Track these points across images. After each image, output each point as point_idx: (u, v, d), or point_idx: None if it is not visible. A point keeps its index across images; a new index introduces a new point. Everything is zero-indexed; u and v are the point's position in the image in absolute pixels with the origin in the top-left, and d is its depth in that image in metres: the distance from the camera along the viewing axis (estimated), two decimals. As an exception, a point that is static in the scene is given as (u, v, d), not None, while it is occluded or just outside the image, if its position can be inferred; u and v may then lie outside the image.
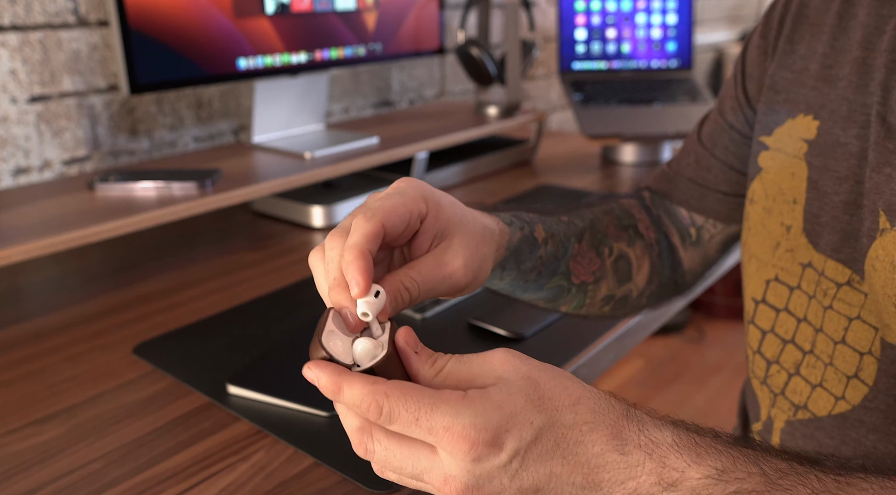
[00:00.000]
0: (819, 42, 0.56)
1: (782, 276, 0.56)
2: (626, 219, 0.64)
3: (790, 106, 0.57)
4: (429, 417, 0.33)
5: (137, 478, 0.55)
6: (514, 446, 0.33)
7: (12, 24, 1.02)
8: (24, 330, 0.80)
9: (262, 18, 1.07)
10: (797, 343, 0.55)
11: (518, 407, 0.34)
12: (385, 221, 0.40)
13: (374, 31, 1.25)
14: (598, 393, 0.36)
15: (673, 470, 0.33)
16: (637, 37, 1.57)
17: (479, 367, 0.36)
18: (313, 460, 0.57)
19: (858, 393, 0.50)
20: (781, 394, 0.56)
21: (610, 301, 0.62)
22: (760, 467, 0.34)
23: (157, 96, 1.20)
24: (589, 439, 0.34)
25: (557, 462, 0.34)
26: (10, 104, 1.04)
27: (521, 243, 0.51)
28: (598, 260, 0.60)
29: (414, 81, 1.68)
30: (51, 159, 1.10)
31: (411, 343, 0.37)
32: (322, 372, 0.35)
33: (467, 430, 0.33)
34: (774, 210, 0.56)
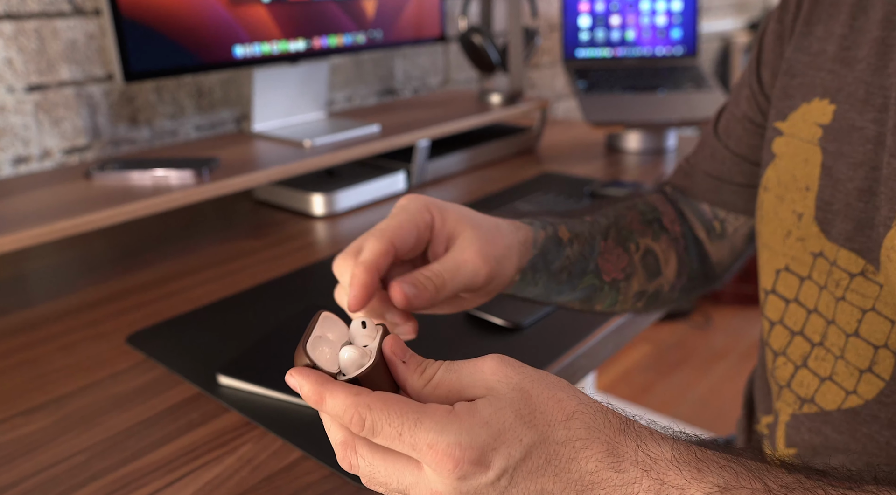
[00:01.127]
0: (837, 23, 0.54)
1: (793, 266, 0.54)
2: (650, 213, 0.64)
3: (805, 90, 0.55)
4: (412, 433, 0.32)
5: (121, 471, 0.54)
6: (503, 465, 0.32)
7: (6, 13, 1.01)
8: (19, 319, 0.80)
9: (257, 5, 1.05)
10: (806, 334, 0.53)
11: (507, 424, 0.32)
12: (394, 239, 0.42)
13: (374, 18, 1.23)
14: (594, 407, 0.34)
15: (672, 487, 0.32)
16: (641, 24, 1.55)
17: (470, 377, 0.35)
18: (301, 453, 0.56)
19: (873, 387, 0.48)
20: (787, 387, 0.55)
21: (642, 297, 0.61)
22: (764, 482, 0.32)
23: (157, 85, 1.19)
24: (583, 456, 0.33)
25: (549, 479, 0.33)
26: (7, 93, 1.03)
27: (547, 242, 0.52)
28: (626, 256, 0.59)
29: (417, 70, 1.67)
30: (50, 148, 1.09)
31: (398, 353, 0.36)
32: (305, 381, 0.34)
33: (452, 449, 0.32)
34: (787, 197, 0.54)
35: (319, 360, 0.35)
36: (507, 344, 0.71)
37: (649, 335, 2.42)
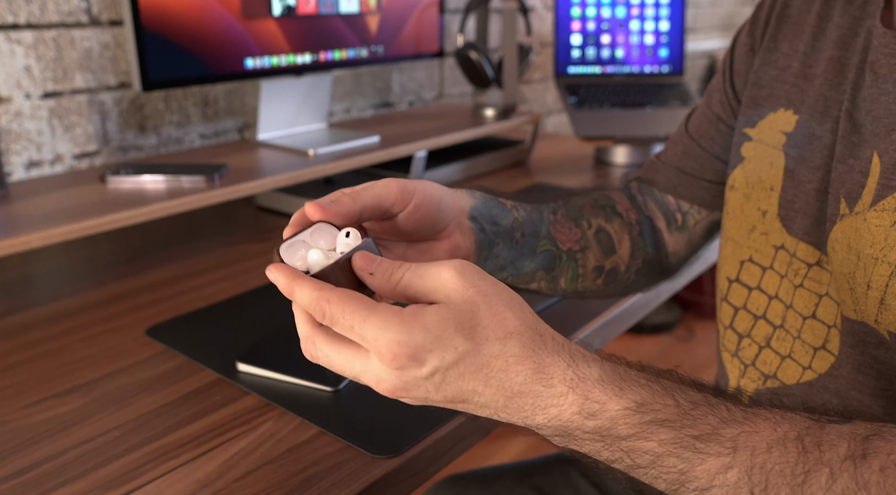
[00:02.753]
0: (801, 41, 0.60)
1: (756, 257, 0.60)
2: (604, 201, 0.68)
3: (773, 101, 0.61)
4: (361, 326, 0.37)
5: (155, 444, 0.59)
6: (435, 364, 0.37)
7: (27, 23, 1.06)
8: (41, 313, 0.84)
9: (269, 20, 1.11)
10: (768, 318, 0.59)
11: (445, 333, 0.37)
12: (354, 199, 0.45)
13: (377, 34, 1.29)
14: (534, 329, 0.39)
15: (594, 402, 0.37)
16: (630, 43, 1.62)
17: (433, 282, 0.39)
18: (319, 429, 0.60)
19: (825, 362, 0.54)
20: (752, 365, 0.61)
21: (601, 272, 0.65)
22: (675, 399, 0.38)
23: (165, 94, 1.24)
24: (513, 370, 0.38)
25: (480, 383, 0.38)
26: (24, 99, 1.08)
27: (488, 200, 0.55)
28: (578, 230, 0.63)
29: (413, 83, 1.73)
30: (62, 153, 1.14)
31: (365, 267, 0.41)
32: (279, 274, 0.40)
33: (391, 344, 0.37)
34: (752, 196, 0.61)
35: (292, 260, 0.42)
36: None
37: (633, 347, 2.48)
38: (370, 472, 0.55)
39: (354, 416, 0.62)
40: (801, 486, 0.35)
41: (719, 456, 0.36)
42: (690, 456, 0.37)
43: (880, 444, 0.36)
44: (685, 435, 0.37)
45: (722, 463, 0.36)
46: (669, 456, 0.37)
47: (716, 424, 0.37)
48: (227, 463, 0.56)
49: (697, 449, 0.37)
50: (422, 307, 0.38)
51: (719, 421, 0.37)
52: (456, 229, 0.52)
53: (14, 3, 1.04)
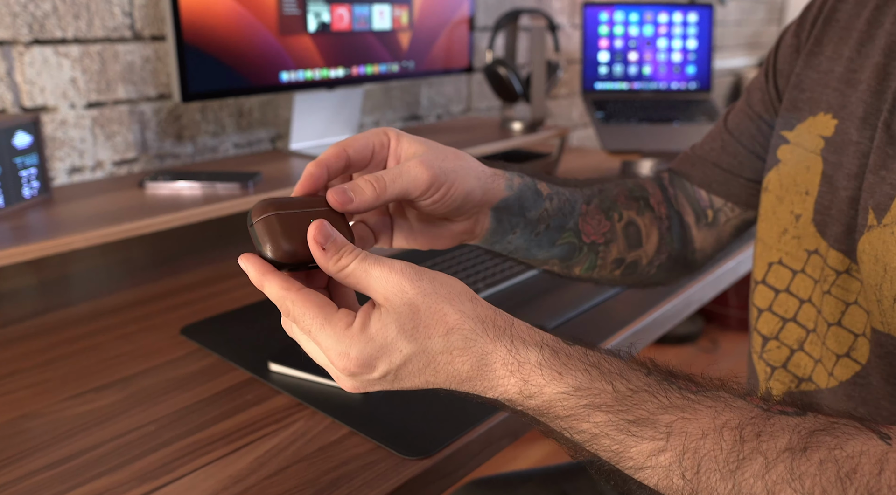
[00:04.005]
0: (847, 46, 0.60)
1: (786, 260, 0.60)
2: (638, 192, 0.68)
3: (813, 104, 0.60)
4: (317, 333, 0.41)
5: (188, 440, 0.61)
6: (385, 368, 0.41)
7: (75, 38, 1.10)
8: (79, 312, 0.87)
9: (304, 36, 1.14)
10: (800, 321, 0.59)
11: (389, 339, 0.40)
12: (347, 147, 0.47)
13: (408, 50, 1.32)
14: (475, 319, 0.41)
15: (532, 385, 0.40)
16: (658, 60, 1.63)
17: (376, 281, 0.41)
18: (349, 429, 0.62)
19: (847, 370, 0.54)
20: (783, 368, 0.61)
21: (621, 264, 0.66)
22: (613, 385, 0.40)
23: (201, 105, 1.27)
24: (458, 360, 0.41)
25: (430, 375, 0.41)
26: (69, 109, 1.12)
27: (524, 189, 0.55)
28: (608, 222, 0.63)
29: (442, 97, 1.75)
30: (103, 160, 1.17)
31: (319, 239, 0.42)
32: (250, 266, 0.43)
33: (341, 357, 0.40)
34: (786, 199, 0.61)
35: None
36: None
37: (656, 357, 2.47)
38: (401, 473, 0.56)
39: (385, 417, 0.63)
40: (733, 473, 0.37)
41: (653, 440, 0.38)
42: (624, 438, 0.39)
43: (825, 439, 0.36)
44: (620, 419, 0.39)
45: (655, 446, 0.38)
46: (604, 438, 0.39)
47: (653, 410, 0.39)
48: (259, 459, 0.58)
49: (631, 433, 0.39)
50: (366, 317, 0.41)
51: (657, 407, 0.39)
52: (474, 217, 0.53)
53: (63, 20, 1.08)
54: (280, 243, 0.42)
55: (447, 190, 0.49)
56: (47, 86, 1.09)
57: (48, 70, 1.08)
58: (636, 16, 1.61)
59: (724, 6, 2.67)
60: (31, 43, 1.06)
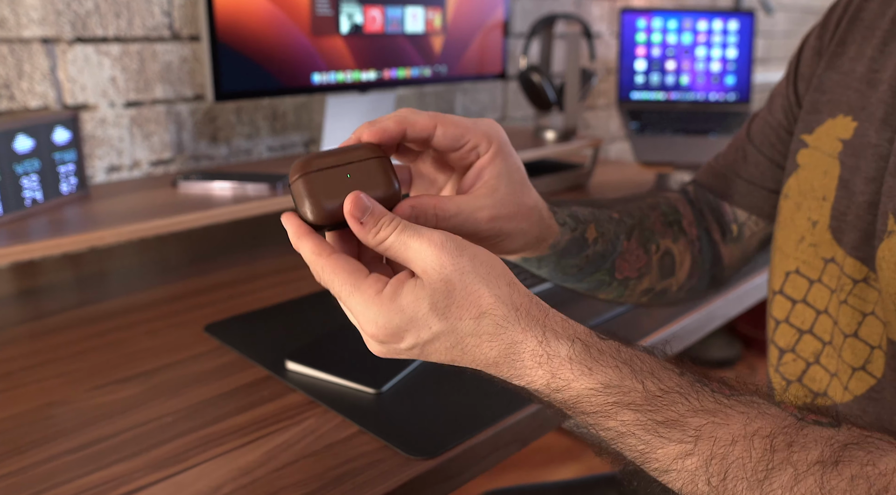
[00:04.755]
0: (869, 45, 0.58)
1: (803, 269, 0.59)
2: (672, 215, 0.67)
3: (832, 106, 0.59)
4: (347, 299, 0.41)
5: (203, 432, 0.62)
6: (412, 341, 0.40)
7: (116, 36, 1.13)
8: (111, 306, 0.89)
9: (336, 37, 1.15)
10: (816, 333, 0.58)
11: (420, 313, 0.39)
12: (439, 121, 0.45)
13: (441, 54, 1.32)
14: (509, 305, 0.40)
15: (560, 379, 0.39)
16: (696, 69, 1.61)
17: (415, 252, 0.40)
18: (359, 428, 0.62)
19: (862, 384, 0.53)
20: (798, 382, 0.59)
21: (649, 292, 0.65)
22: (644, 384, 0.39)
23: (237, 106, 1.30)
24: (487, 346, 0.40)
25: (457, 355, 0.41)
26: (109, 108, 1.15)
27: (570, 244, 0.55)
28: (646, 257, 0.63)
29: (477, 105, 1.76)
30: (140, 159, 1.20)
31: (356, 213, 0.41)
32: (289, 226, 0.43)
33: (369, 323, 0.40)
34: (804, 205, 0.59)
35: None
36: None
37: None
38: (404, 472, 0.56)
39: (394, 418, 0.64)
40: (760, 482, 0.35)
41: (681, 442, 0.37)
42: (651, 439, 0.38)
43: (858, 454, 0.35)
44: (648, 420, 0.38)
45: (682, 449, 0.37)
46: (630, 437, 0.38)
47: (683, 412, 0.38)
48: (269, 453, 0.59)
49: (659, 434, 0.38)
50: (399, 285, 0.40)
51: (687, 409, 0.38)
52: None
53: (105, 18, 1.11)
54: (317, 205, 0.42)
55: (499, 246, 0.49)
56: (88, 84, 1.12)
57: (89, 68, 1.12)
58: (675, 23, 1.59)
59: (771, 16, 2.63)
60: (73, 41, 1.09)
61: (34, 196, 0.91)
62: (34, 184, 0.91)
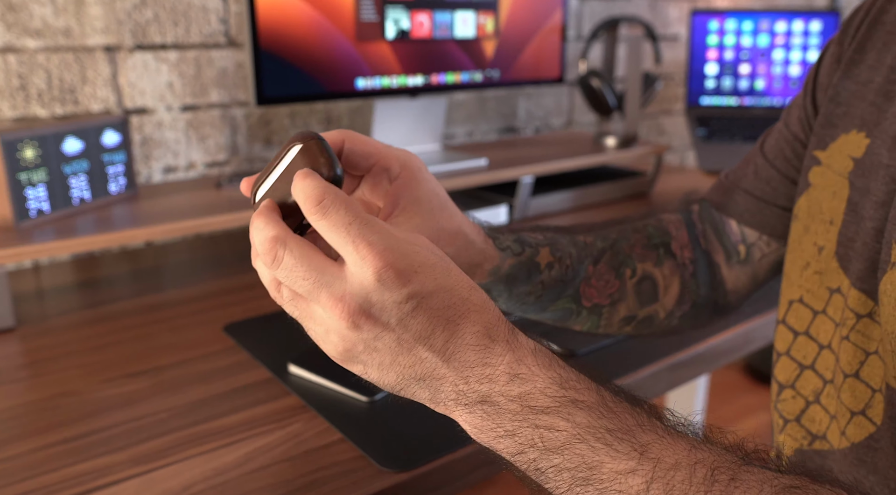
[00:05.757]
0: (889, 52, 0.52)
1: (807, 298, 0.53)
2: (658, 237, 0.62)
3: (847, 120, 0.53)
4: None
5: (191, 430, 0.63)
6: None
7: (173, 44, 1.18)
8: (142, 302, 0.92)
9: (382, 43, 1.16)
10: (818, 370, 0.52)
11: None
12: (346, 139, 0.44)
13: (493, 58, 1.31)
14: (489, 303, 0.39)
15: (524, 366, 0.37)
16: (773, 73, 1.52)
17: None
18: (341, 436, 0.62)
19: (861, 431, 0.47)
20: (796, 421, 0.54)
21: (631, 321, 0.61)
22: (599, 391, 0.37)
23: (291, 110, 1.32)
24: (472, 318, 0.37)
25: (441, 324, 0.37)
26: (166, 112, 1.20)
27: (516, 270, 0.52)
28: (617, 281, 0.59)
29: (541, 110, 1.72)
30: (195, 161, 1.25)
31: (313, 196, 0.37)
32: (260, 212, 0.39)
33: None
34: (811, 228, 0.53)
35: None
36: (561, 368, 0.74)
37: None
38: (373, 484, 0.55)
39: (380, 427, 0.63)
40: None
41: (628, 458, 0.35)
42: (602, 448, 0.35)
43: None
44: (600, 426, 0.36)
45: (627, 466, 0.35)
46: (580, 443, 0.36)
47: (632, 425, 0.36)
48: (248, 455, 0.59)
49: (609, 444, 0.35)
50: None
51: (636, 424, 0.36)
52: None
53: (163, 26, 1.16)
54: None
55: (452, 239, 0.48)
56: (147, 89, 1.17)
57: (148, 74, 1.17)
58: (750, 24, 1.51)
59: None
60: (133, 48, 1.15)
61: (82, 195, 0.96)
62: (82, 184, 0.96)
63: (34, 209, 0.89)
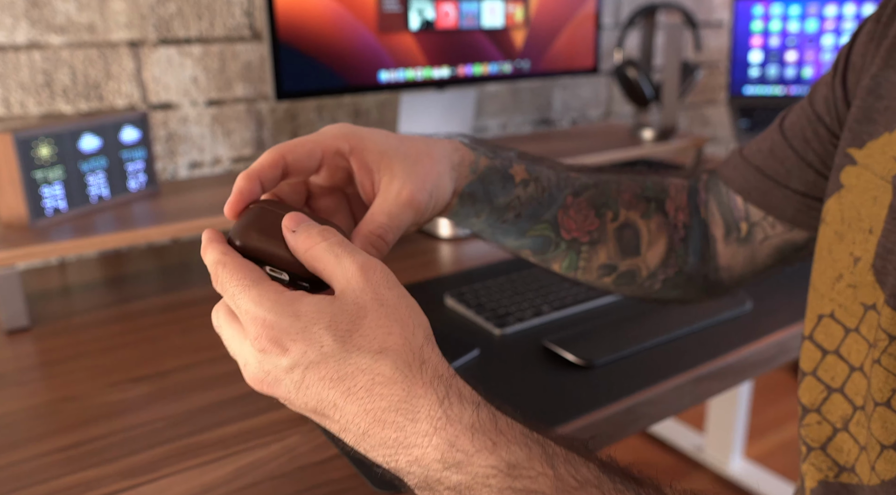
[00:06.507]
0: None
1: (839, 314, 0.48)
2: (653, 192, 0.58)
3: (890, 116, 0.47)
4: (239, 296, 0.36)
5: (186, 441, 0.61)
6: (296, 357, 0.34)
7: (197, 37, 1.17)
8: (161, 301, 0.92)
9: (405, 34, 1.12)
10: (847, 394, 0.47)
11: (316, 327, 0.34)
12: (286, 153, 0.42)
13: (523, 49, 1.26)
14: (418, 353, 0.35)
15: (459, 451, 0.32)
16: (822, 60, 1.43)
17: (342, 269, 0.36)
18: (337, 452, 0.59)
19: (892, 467, 0.42)
20: (821, 450, 0.49)
21: (611, 272, 0.57)
22: (557, 470, 0.32)
23: (318, 104, 1.30)
24: (378, 391, 0.33)
25: (340, 396, 0.34)
26: (191, 107, 1.19)
27: (491, 172, 0.50)
28: (597, 220, 0.56)
29: (577, 101, 1.67)
30: (220, 156, 1.24)
31: (290, 225, 0.38)
32: (206, 233, 0.40)
33: (257, 321, 0.35)
34: (847, 236, 0.48)
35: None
36: (578, 380, 0.70)
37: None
38: (364, 506, 0.52)
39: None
40: None
41: None
42: None
43: None
44: None
45: None
46: None
47: None
48: (239, 470, 0.57)
49: None
50: (303, 294, 0.36)
51: None
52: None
53: (187, 20, 1.15)
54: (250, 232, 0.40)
55: (431, 212, 0.47)
56: (171, 83, 1.16)
57: (172, 69, 1.16)
58: (797, 9, 1.42)
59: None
60: (157, 43, 1.14)
61: (100, 193, 0.96)
62: (101, 182, 0.96)
63: (50, 207, 0.89)
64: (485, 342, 0.77)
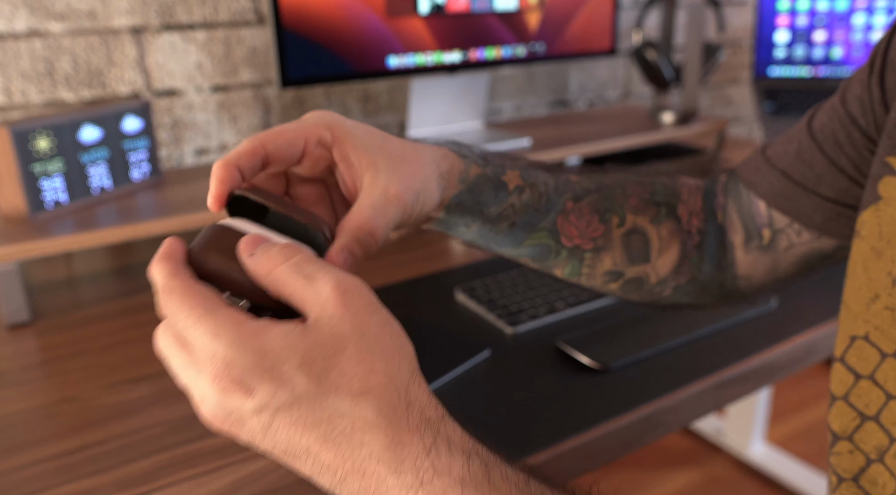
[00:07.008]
0: None
1: (874, 337, 0.44)
2: (663, 196, 0.55)
3: None
4: (192, 329, 0.31)
5: (183, 449, 0.59)
6: (263, 399, 0.30)
7: (202, 22, 1.13)
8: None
9: (414, 18, 1.08)
10: (883, 423, 0.44)
11: (287, 365, 0.30)
12: (266, 143, 0.39)
13: (537, 31, 1.21)
14: (404, 393, 0.31)
15: None
16: (852, 41, 1.37)
17: (313, 293, 0.32)
18: (339, 461, 0.57)
19: None
20: (853, 481, 0.45)
21: (617, 278, 0.54)
22: None
23: (326, 89, 1.27)
24: (359, 439, 0.30)
25: (315, 442, 0.30)
26: (196, 93, 1.16)
27: (482, 181, 0.47)
28: (602, 226, 0.52)
29: (594, 82, 1.62)
30: (227, 142, 1.21)
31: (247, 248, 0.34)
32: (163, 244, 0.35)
33: (215, 359, 0.30)
34: (886, 254, 0.44)
35: None
36: (592, 384, 0.67)
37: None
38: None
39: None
40: None
41: None
42: None
43: None
44: None
45: None
46: None
47: None
48: (236, 483, 0.55)
49: None
50: (273, 324, 0.31)
51: None
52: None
53: (190, 5, 1.12)
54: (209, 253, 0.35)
55: (416, 218, 0.44)
56: (175, 70, 1.14)
57: (176, 55, 1.13)
58: (827, -13, 1.36)
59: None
60: (160, 29, 1.11)
61: (102, 184, 0.93)
62: (102, 173, 0.93)
63: (51, 200, 0.87)
64: (496, 341, 0.75)
